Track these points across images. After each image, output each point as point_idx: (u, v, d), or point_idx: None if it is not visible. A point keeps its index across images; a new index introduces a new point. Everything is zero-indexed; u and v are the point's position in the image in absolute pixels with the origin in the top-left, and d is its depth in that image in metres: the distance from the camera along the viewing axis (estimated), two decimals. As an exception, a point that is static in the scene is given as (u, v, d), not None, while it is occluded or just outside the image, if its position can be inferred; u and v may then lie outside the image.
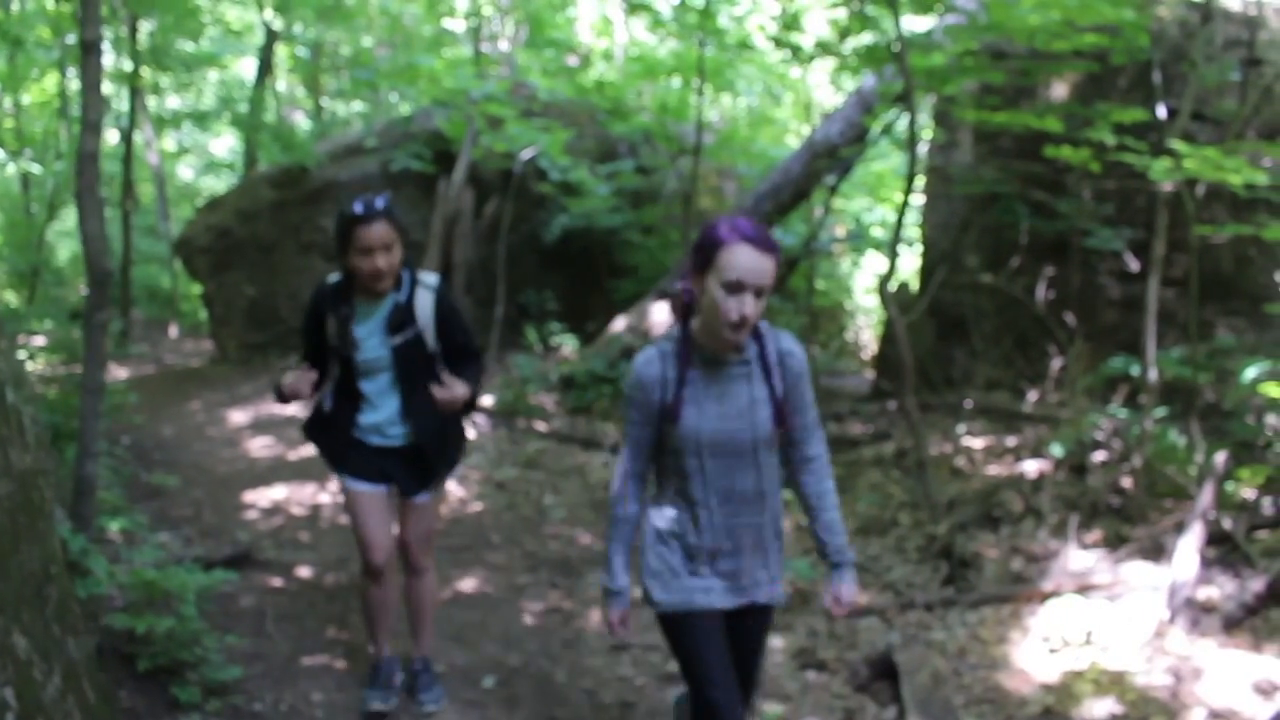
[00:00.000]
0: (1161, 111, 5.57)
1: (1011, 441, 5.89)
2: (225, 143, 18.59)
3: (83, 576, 3.29)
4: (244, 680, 3.65)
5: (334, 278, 3.25)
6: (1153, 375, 4.73)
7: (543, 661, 3.97)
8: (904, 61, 4.64)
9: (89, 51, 3.69)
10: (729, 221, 2.27)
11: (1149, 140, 5.26)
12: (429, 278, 3.27)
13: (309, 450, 6.66)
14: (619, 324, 8.07)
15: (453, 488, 5.98)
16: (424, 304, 3.20)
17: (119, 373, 9.82)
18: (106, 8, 9.92)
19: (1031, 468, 5.39)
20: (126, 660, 3.53)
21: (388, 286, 3.14)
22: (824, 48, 6.33)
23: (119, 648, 3.57)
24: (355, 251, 3.05)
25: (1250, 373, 5.21)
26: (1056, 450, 5.27)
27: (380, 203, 3.06)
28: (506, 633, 4.19)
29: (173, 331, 13.50)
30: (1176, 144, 4.02)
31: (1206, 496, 4.33)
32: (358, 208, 3.04)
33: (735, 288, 2.21)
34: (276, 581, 4.63)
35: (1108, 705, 3.56)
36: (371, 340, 3.18)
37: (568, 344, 8.57)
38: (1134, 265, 6.29)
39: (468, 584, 4.68)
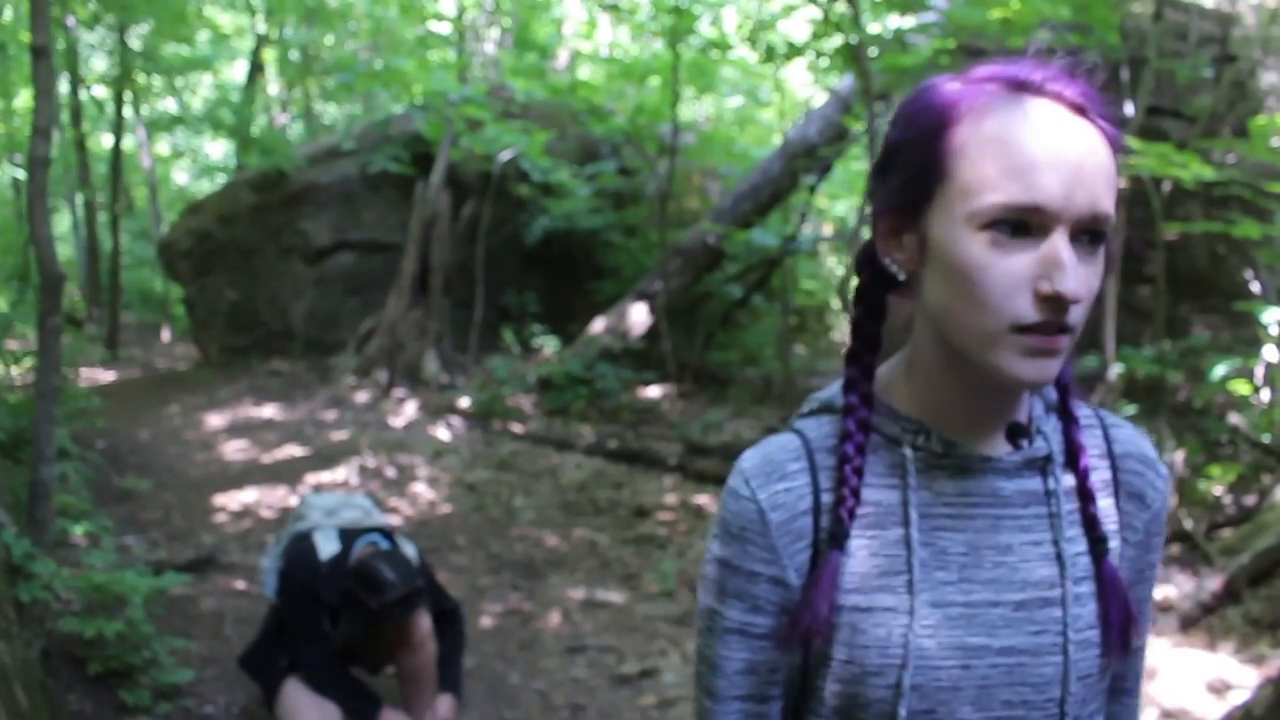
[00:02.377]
0: (1129, 108, 5.55)
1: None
2: (221, 146, 18.64)
3: (26, 580, 3.29)
4: (197, 683, 3.66)
5: (327, 557, 2.98)
6: (1112, 373, 4.71)
7: (497, 664, 3.97)
8: (862, 62, 4.64)
9: (39, 57, 3.70)
10: (972, 72, 0.84)
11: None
12: (410, 552, 3.10)
13: (282, 453, 6.69)
14: (598, 325, 8.08)
15: (423, 490, 6.00)
16: None
17: (104, 376, 9.86)
18: (86, 13, 9.96)
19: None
20: (78, 664, 3.54)
21: None
22: (795, 48, 6.33)
23: (72, 652, 3.58)
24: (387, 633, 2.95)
25: (1219, 370, 5.20)
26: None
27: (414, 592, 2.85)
28: (467, 636, 4.19)
29: (165, 335, 13.54)
30: (1130, 140, 4.01)
31: (1165, 495, 4.32)
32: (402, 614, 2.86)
33: (1026, 218, 0.77)
34: (239, 584, 4.64)
35: (1059, 705, 3.55)
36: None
37: (549, 345, 8.58)
38: None
39: (429, 586, 4.68)
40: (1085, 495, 0.89)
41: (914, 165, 0.83)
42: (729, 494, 0.90)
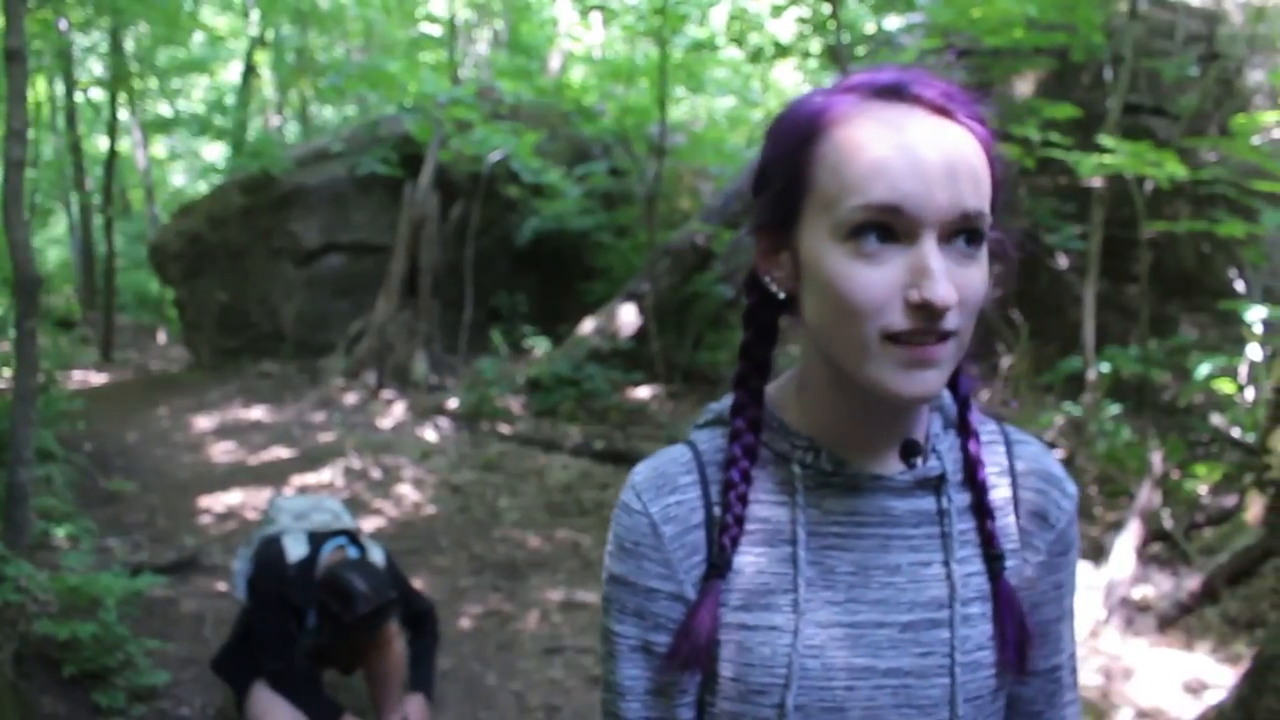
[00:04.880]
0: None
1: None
2: (219, 148, 18.66)
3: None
4: (174, 685, 3.67)
5: (295, 560, 2.98)
6: (1092, 374, 4.71)
7: (474, 665, 3.97)
8: (842, 62, 4.64)
9: (13, 60, 3.71)
10: (837, 84, 0.84)
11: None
12: (378, 557, 3.09)
13: (269, 455, 6.70)
14: (587, 326, 8.08)
15: (408, 492, 6.00)
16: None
17: (97, 379, 9.87)
18: (79, 16, 9.98)
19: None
20: (52, 666, 3.54)
21: None
22: (781, 49, 6.34)
23: (47, 654, 3.58)
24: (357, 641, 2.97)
25: (1204, 369, 5.19)
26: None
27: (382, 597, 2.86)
28: (442, 636, 4.18)
29: (161, 337, 13.56)
30: (1107, 139, 4.00)
31: (1144, 495, 4.31)
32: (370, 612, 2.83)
33: (888, 222, 0.75)
34: (220, 586, 4.64)
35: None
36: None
37: (540, 346, 8.58)
38: (1063, 262, 6.27)
39: (410, 587, 4.68)
40: (981, 513, 0.87)
41: (781, 181, 0.82)
42: (621, 509, 0.88)
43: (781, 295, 0.85)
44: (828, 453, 0.85)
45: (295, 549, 3.04)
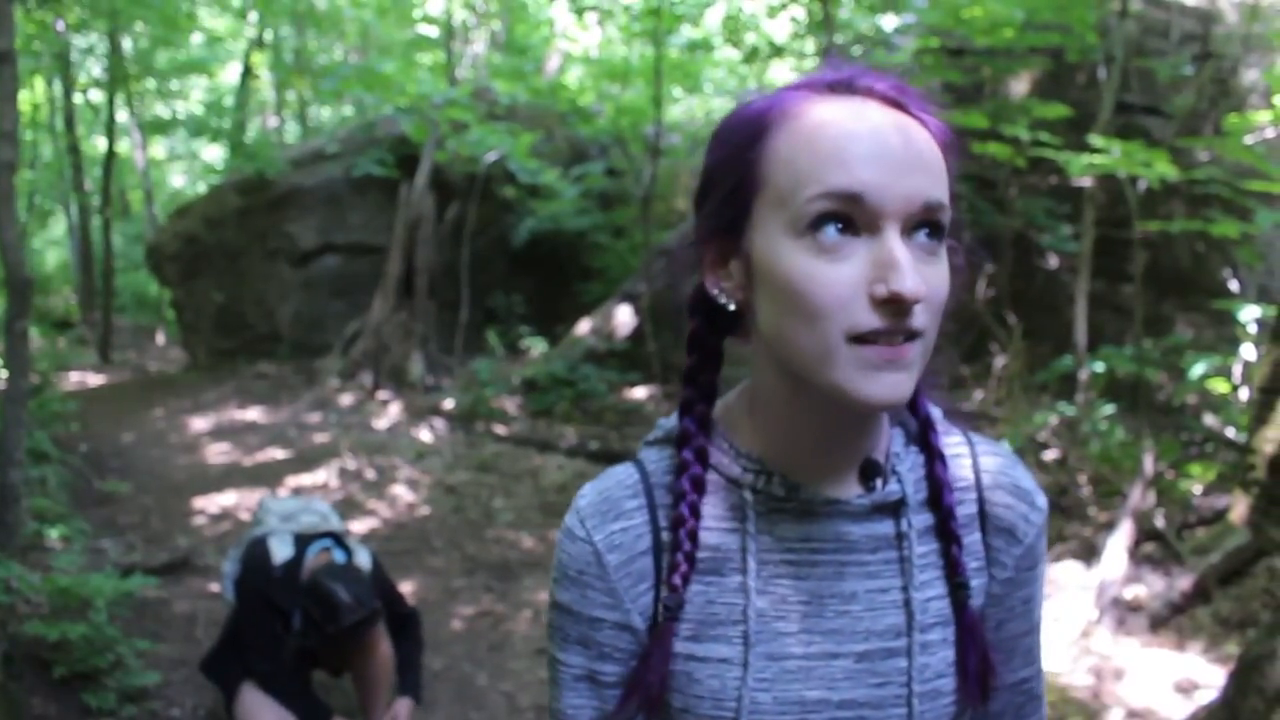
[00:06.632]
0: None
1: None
2: (218, 149, 18.66)
3: (-13, 584, 3.30)
4: (165, 686, 3.67)
5: (280, 561, 2.98)
6: (1084, 373, 4.70)
7: (466, 665, 3.97)
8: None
9: (3, 61, 3.71)
10: (787, 84, 0.82)
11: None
12: (364, 561, 3.12)
13: (264, 456, 6.70)
14: (583, 326, 8.09)
15: (402, 492, 6.00)
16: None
17: (95, 380, 9.89)
18: (75, 18, 9.98)
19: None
20: (43, 667, 3.55)
21: None
22: (776, 49, 6.34)
23: (37, 655, 3.59)
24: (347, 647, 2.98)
25: (1198, 369, 5.19)
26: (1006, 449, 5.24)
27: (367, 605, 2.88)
28: (434, 637, 4.18)
29: (159, 338, 13.58)
30: (1098, 139, 4.00)
31: (1136, 495, 4.31)
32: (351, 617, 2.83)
33: (848, 212, 0.72)
34: (213, 587, 4.64)
35: (1025, 705, 3.54)
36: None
37: (537, 346, 8.59)
38: (1054, 262, 6.26)
39: (401, 589, 4.67)
40: (947, 537, 0.83)
41: (730, 181, 0.77)
42: (564, 535, 0.84)
43: (731, 307, 0.80)
44: (780, 477, 0.81)
45: (281, 551, 3.04)
